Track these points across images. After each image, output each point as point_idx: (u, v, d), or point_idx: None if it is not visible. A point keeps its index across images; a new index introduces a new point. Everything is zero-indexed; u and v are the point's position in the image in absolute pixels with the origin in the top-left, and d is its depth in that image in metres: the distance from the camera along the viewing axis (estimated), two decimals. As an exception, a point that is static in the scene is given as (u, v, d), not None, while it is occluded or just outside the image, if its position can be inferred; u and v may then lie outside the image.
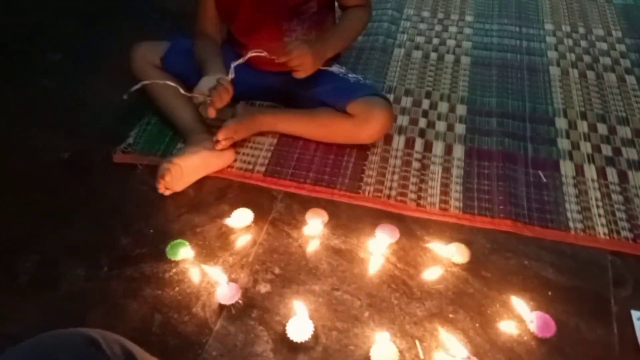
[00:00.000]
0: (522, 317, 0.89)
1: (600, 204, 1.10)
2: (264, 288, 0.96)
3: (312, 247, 1.03)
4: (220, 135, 1.15)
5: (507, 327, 0.89)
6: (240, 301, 0.94)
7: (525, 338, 0.88)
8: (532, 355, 0.85)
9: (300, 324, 0.89)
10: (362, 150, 1.22)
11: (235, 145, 1.22)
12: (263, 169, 1.19)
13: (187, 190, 1.15)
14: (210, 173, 1.18)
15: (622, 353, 0.85)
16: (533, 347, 0.86)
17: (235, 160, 1.21)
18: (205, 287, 0.97)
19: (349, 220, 1.08)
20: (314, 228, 1.04)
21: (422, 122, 1.31)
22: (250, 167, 1.20)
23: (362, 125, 1.16)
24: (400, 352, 0.86)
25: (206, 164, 1.16)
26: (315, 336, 0.88)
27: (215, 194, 1.15)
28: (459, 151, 1.23)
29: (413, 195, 1.12)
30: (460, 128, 1.29)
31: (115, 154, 1.24)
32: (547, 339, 0.86)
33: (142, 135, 1.29)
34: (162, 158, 1.16)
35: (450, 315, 0.91)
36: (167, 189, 1.12)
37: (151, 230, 1.08)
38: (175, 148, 1.25)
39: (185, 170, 1.12)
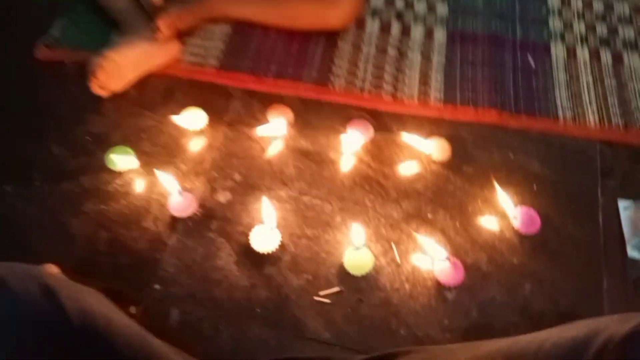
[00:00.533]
0: (505, 213, 0.83)
1: (592, 89, 1.00)
2: (223, 197, 0.86)
3: (277, 149, 0.91)
4: (161, 23, 0.97)
5: (488, 224, 0.83)
6: (197, 212, 0.83)
7: (507, 235, 0.82)
8: (514, 252, 0.80)
9: (265, 233, 0.80)
10: (331, 37, 1.06)
11: (182, 35, 1.04)
12: (216, 62, 1.02)
13: (128, 90, 0.99)
14: (153, 69, 1.01)
15: (607, 246, 0.81)
16: (516, 244, 0.81)
17: (183, 54, 1.03)
18: (156, 199, 0.86)
19: (318, 118, 0.96)
20: (278, 128, 0.92)
21: (400, 3, 1.14)
22: (201, 60, 1.03)
23: (330, 5, 0.99)
24: (376, 256, 0.79)
25: (147, 57, 0.98)
26: (283, 246, 0.80)
27: (161, 94, 0.99)
28: (440, 35, 1.08)
29: (389, 87, 0.99)
30: (442, 8, 1.13)
31: (38, 50, 1.04)
32: (531, 235, 0.81)
33: (69, 26, 1.08)
34: (94, 52, 0.97)
35: (429, 216, 0.84)
36: (102, 89, 0.95)
37: (88, 138, 0.93)
38: (109, 40, 1.05)
39: (122, 65, 0.94)
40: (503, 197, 0.83)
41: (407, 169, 0.89)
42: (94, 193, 0.86)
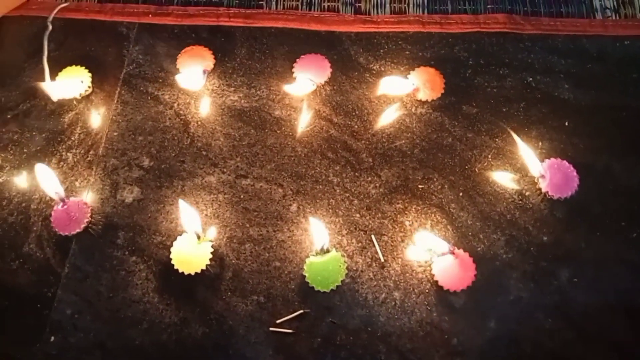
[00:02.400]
0: (527, 170, 0.58)
1: (639, -38, 0.69)
2: (129, 195, 0.61)
3: (196, 112, 0.64)
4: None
5: (504, 191, 0.58)
6: (94, 223, 0.59)
7: (532, 202, 0.58)
8: (543, 226, 0.57)
9: (192, 243, 0.56)
10: None
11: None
12: (97, -11, 0.71)
13: (-22, 49, 0.69)
14: (6, 12, 0.70)
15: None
16: (545, 214, 0.57)
17: (47, -18, 0.71)
18: (38, 210, 0.61)
19: (250, 57, 0.67)
20: (195, 80, 0.63)
21: None
22: (76, -11, 0.71)
23: None
24: (350, 256, 0.56)
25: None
26: (220, 258, 0.57)
27: (25, 48, 0.69)
28: None
29: (348, -3, 0.69)
30: None
31: None
32: (566, 200, 0.57)
33: None
34: None
35: (420, 187, 0.59)
36: None
37: None
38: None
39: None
40: (523, 148, 0.58)
41: (384, 119, 0.62)
42: (-51, 212, 0.61)
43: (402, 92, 0.61)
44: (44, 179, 0.58)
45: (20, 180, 0.62)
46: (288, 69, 0.65)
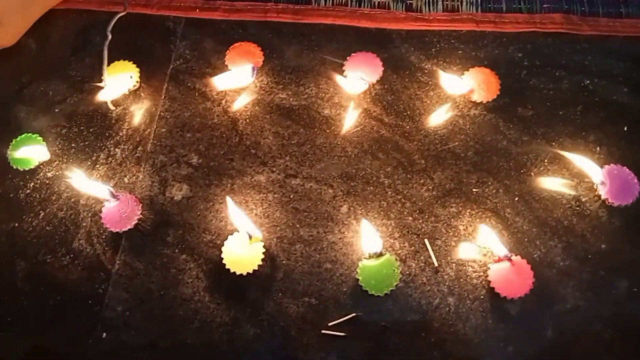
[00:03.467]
0: (585, 175, 0.57)
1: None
2: (178, 192, 0.60)
3: (246, 110, 0.63)
4: None
5: (561, 197, 0.57)
6: (145, 220, 0.59)
7: (591, 209, 0.57)
8: (602, 234, 0.56)
9: (242, 244, 0.56)
10: None
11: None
12: (142, -18, 0.70)
13: (24, 42, 0.69)
14: (53, 5, 0.69)
15: None
16: (604, 222, 0.56)
17: (92, -25, 0.71)
18: (87, 205, 0.61)
19: (299, 54, 0.66)
20: (243, 77, 0.63)
21: None
22: (122, -18, 0.71)
23: None
24: (402, 260, 0.55)
25: (37, -10, 0.66)
26: (271, 257, 0.57)
27: (72, 42, 0.69)
28: None
29: (399, -6, 0.67)
30: None
31: None
32: (625, 207, 0.55)
33: None
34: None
35: (475, 190, 0.58)
36: (-17, 46, 0.66)
37: (-20, 123, 0.66)
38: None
39: (2, 13, 0.63)
40: (577, 159, 0.56)
41: (436, 120, 0.61)
42: (0, 205, 0.61)
43: (458, 91, 0.60)
44: (87, 183, 0.58)
45: (69, 175, 0.61)
46: (338, 66, 0.64)
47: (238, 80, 0.62)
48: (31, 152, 0.62)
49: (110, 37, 0.58)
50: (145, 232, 0.59)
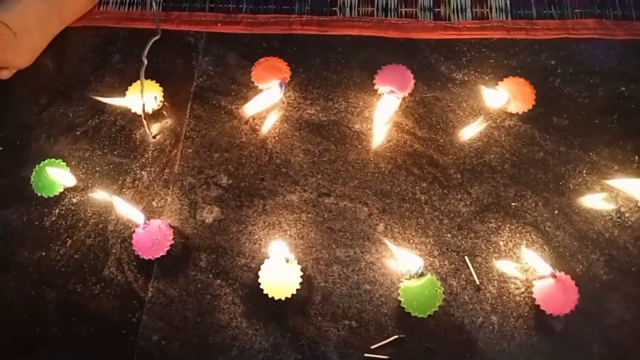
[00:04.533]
0: (624, 187, 0.56)
1: None
2: (209, 215, 0.59)
3: (274, 127, 0.62)
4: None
5: (602, 209, 0.56)
6: (176, 245, 0.57)
7: (633, 220, 0.55)
8: (646, 246, 0.54)
9: (279, 268, 0.54)
10: None
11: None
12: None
13: (41, 61, 0.67)
14: (69, 23, 0.67)
15: None
16: (647, 234, 0.55)
17: (108, -10, 0.69)
18: (116, 231, 0.59)
19: (326, 67, 0.64)
20: (271, 93, 0.61)
21: None
22: (138, -3, 0.69)
23: None
24: (443, 279, 0.54)
25: (54, 8, 0.64)
26: (308, 280, 0.55)
27: (90, 60, 0.67)
28: None
29: (426, 1, 0.65)
30: None
31: None
32: (669, 218, 0.54)
33: None
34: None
35: (513, 204, 0.57)
36: (1, 68, 0.64)
37: (0, 149, 0.64)
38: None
39: (18, 30, 0.61)
40: (623, 184, 0.55)
41: (471, 133, 0.60)
42: (26, 234, 0.60)
43: (496, 104, 0.58)
44: (122, 206, 0.56)
45: (95, 201, 0.60)
46: (366, 79, 0.62)
47: (268, 101, 0.60)
48: (55, 177, 0.60)
49: (145, 62, 0.56)
50: (177, 257, 0.57)
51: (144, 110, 0.60)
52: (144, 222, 0.56)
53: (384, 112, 0.59)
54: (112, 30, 0.68)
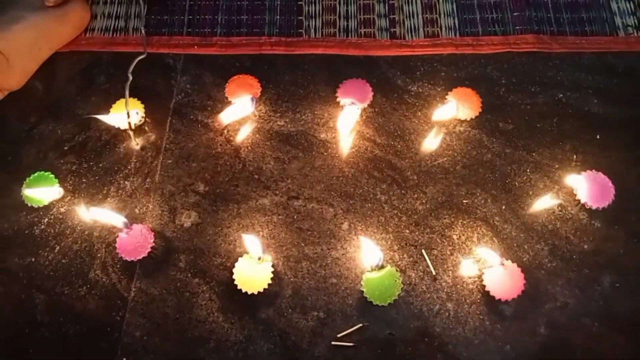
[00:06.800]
0: (564, 183, 0.62)
1: (656, -21, 0.73)
2: (187, 219, 0.64)
3: (247, 138, 0.68)
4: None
5: (544, 202, 0.62)
6: (157, 247, 0.62)
7: (572, 212, 0.61)
8: (584, 235, 0.60)
9: (252, 265, 0.59)
10: (292, -41, 0.76)
11: (87, -8, 0.75)
12: (142, 24, 0.74)
13: (31, 84, 0.72)
14: (58, 48, 0.73)
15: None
16: (584, 224, 0.61)
17: (94, 18, 0.75)
18: (100, 237, 0.64)
19: (294, 83, 0.70)
20: (242, 107, 0.67)
21: None
22: (122, 24, 0.75)
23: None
24: (402, 271, 0.59)
25: (44, 34, 0.70)
26: (278, 276, 0.60)
27: (77, 82, 0.73)
28: None
29: (383, 22, 0.72)
30: None
31: None
32: (603, 209, 0.60)
33: None
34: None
35: (465, 201, 0.63)
36: (-6, 91, 0.69)
37: (-8, 164, 0.68)
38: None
39: (10, 55, 0.67)
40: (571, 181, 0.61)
41: (426, 139, 0.66)
42: (16, 241, 0.64)
43: (449, 115, 0.65)
44: (103, 214, 0.61)
45: (82, 209, 0.65)
46: (330, 93, 0.69)
47: (241, 112, 0.66)
48: (44, 189, 0.65)
49: (131, 78, 0.62)
50: (158, 259, 0.62)
51: (129, 122, 0.65)
52: (126, 227, 0.61)
53: (346, 121, 0.65)
54: (97, 54, 0.74)
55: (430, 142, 0.66)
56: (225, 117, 0.66)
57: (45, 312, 0.61)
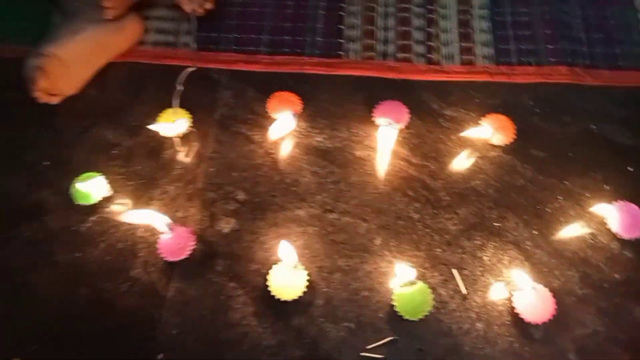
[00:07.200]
0: (596, 212, 0.63)
1: (689, 20, 0.75)
2: (226, 225, 0.67)
3: (286, 152, 0.71)
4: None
5: (576, 229, 0.63)
6: (196, 251, 0.65)
7: (604, 241, 0.62)
8: (615, 264, 0.61)
9: (287, 273, 0.61)
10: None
11: (143, 9, 0.80)
12: (192, 40, 0.79)
13: (86, 90, 0.77)
14: (112, 58, 0.78)
15: None
16: (616, 253, 0.62)
17: (146, 32, 0.80)
18: (143, 237, 0.67)
19: (332, 102, 0.73)
20: (284, 123, 0.70)
21: None
22: (172, 39, 0.80)
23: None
24: (433, 288, 0.61)
25: (101, 45, 0.75)
26: (312, 285, 0.62)
27: (128, 91, 0.77)
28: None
29: (420, 49, 0.76)
30: None
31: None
32: (635, 240, 0.61)
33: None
34: (33, 47, 0.73)
35: (496, 224, 0.64)
36: (51, 95, 0.74)
37: (47, 162, 0.72)
38: (49, 27, 0.81)
39: (69, 63, 0.72)
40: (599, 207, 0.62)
41: (460, 161, 0.68)
42: (63, 237, 0.67)
43: (482, 136, 0.67)
44: (148, 216, 0.64)
45: (127, 210, 0.68)
46: (367, 112, 0.72)
47: (286, 128, 0.69)
48: (93, 188, 0.68)
49: (182, 89, 0.66)
50: (196, 261, 0.65)
51: (176, 132, 0.69)
52: (169, 229, 0.64)
53: (385, 140, 0.68)
54: (148, 65, 0.78)
55: (464, 165, 0.68)
56: (273, 132, 0.69)
57: (88, 305, 0.63)
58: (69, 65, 0.71)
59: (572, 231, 0.63)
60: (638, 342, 0.57)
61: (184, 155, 0.71)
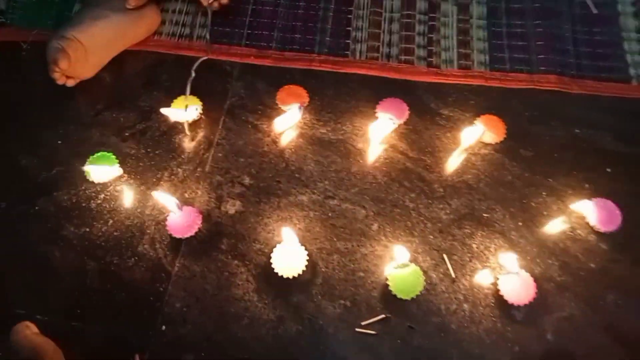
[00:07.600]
0: (576, 208, 0.68)
1: (668, 38, 0.82)
2: (232, 207, 0.70)
3: (291, 141, 0.75)
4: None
5: (558, 223, 0.68)
6: (202, 230, 0.68)
7: (582, 234, 0.67)
8: (592, 255, 0.66)
9: (289, 253, 0.65)
10: (344, -10, 0.86)
11: (161, 1, 0.84)
12: (206, 32, 0.83)
13: (101, 75, 0.80)
14: (129, 46, 0.82)
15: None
16: (593, 245, 0.67)
17: (163, 24, 0.84)
18: (151, 215, 0.70)
19: (337, 97, 0.78)
20: (291, 114, 0.74)
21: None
22: (188, 31, 0.84)
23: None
24: (425, 271, 0.65)
25: (120, 33, 0.79)
26: (312, 265, 0.66)
27: (142, 78, 0.81)
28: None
29: (422, 52, 0.81)
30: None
31: (-18, 31, 0.84)
32: (611, 233, 0.66)
33: (18, -3, 0.88)
34: (54, 31, 0.77)
35: (485, 215, 0.69)
36: (68, 77, 0.77)
37: (59, 142, 0.76)
38: (71, 13, 0.85)
39: (89, 47, 0.75)
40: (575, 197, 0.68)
41: (454, 157, 0.73)
42: (75, 213, 0.70)
43: (475, 137, 0.72)
44: (158, 195, 0.67)
45: (136, 190, 0.71)
46: (370, 109, 0.76)
47: (292, 121, 0.74)
48: (104, 167, 0.71)
49: (194, 75, 0.70)
50: (202, 240, 0.68)
51: (187, 116, 0.73)
52: (178, 207, 0.67)
53: (379, 131, 0.72)
54: (162, 55, 0.82)
55: (457, 161, 0.73)
56: (279, 124, 0.74)
57: (95, 278, 0.66)
58: (88, 49, 0.75)
59: (554, 224, 0.68)
60: (611, 325, 0.62)
61: (193, 140, 0.75)
